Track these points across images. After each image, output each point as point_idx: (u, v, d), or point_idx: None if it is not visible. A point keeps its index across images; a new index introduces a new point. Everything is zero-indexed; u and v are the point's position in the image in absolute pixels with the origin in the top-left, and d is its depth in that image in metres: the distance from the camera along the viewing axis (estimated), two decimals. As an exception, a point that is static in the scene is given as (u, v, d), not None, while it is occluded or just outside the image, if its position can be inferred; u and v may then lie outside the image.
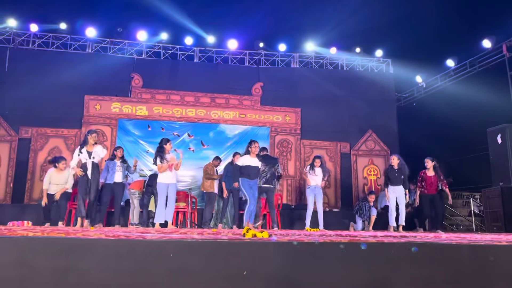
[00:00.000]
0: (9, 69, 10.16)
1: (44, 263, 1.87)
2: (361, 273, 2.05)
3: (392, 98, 11.80)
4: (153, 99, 10.74)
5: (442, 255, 2.32)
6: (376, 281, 2.08)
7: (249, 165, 6.74)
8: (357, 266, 2.07)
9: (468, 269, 2.31)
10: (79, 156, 6.55)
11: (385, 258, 2.19)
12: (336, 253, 2.07)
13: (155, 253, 1.93)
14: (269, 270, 1.96)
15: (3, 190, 9.71)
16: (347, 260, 2.08)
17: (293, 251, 2.02)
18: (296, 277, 1.98)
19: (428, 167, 7.79)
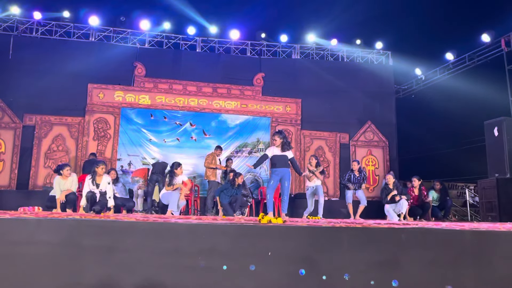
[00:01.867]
0: (13, 57, 10.21)
1: (90, 242, 2.05)
2: (373, 254, 2.25)
3: (391, 90, 11.99)
4: (155, 88, 10.85)
5: (446, 239, 2.52)
6: (386, 262, 2.28)
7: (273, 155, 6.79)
8: (369, 248, 2.26)
9: (470, 251, 2.52)
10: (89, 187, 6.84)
11: (394, 241, 2.39)
12: (351, 236, 2.27)
13: (189, 235, 2.11)
14: (291, 251, 2.14)
15: (8, 176, 9.84)
16: (361, 243, 2.28)
17: (312, 235, 2.21)
18: (316, 257, 2.17)
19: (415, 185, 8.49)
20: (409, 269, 2.22)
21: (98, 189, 6.87)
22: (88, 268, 1.99)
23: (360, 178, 8.44)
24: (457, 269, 2.43)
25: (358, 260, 2.29)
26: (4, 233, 2.05)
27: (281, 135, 6.55)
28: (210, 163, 9.01)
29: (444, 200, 8.83)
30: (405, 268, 2.30)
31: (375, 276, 2.21)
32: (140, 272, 2.02)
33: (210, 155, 9.21)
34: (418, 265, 2.32)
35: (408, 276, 2.25)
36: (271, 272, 2.14)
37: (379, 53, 12.04)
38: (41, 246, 1.99)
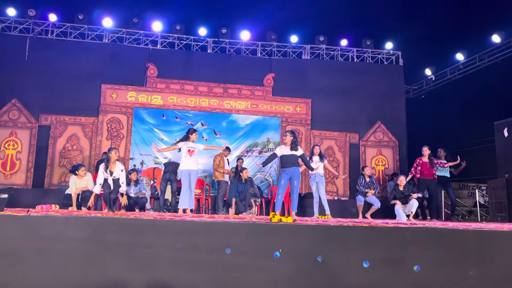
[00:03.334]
0: (29, 58, 10.46)
1: (113, 239, 2.19)
2: (380, 252, 2.36)
3: (401, 90, 12.01)
4: (167, 89, 11.04)
5: (450, 238, 2.62)
6: (392, 259, 2.38)
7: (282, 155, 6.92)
8: (376, 246, 2.37)
9: (473, 250, 2.61)
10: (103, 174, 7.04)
11: (400, 240, 2.50)
12: (358, 235, 2.38)
13: (205, 232, 2.24)
14: (301, 249, 2.26)
15: (24, 175, 10.10)
16: (368, 241, 2.39)
17: (321, 234, 2.33)
18: (325, 255, 2.29)
19: (425, 154, 8.32)
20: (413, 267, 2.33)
21: (111, 176, 7.03)
22: (111, 263, 2.13)
23: (370, 183, 8.68)
24: (461, 268, 2.53)
25: (365, 258, 2.40)
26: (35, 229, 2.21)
27: (292, 134, 6.74)
28: (218, 165, 9.14)
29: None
30: (410, 266, 2.41)
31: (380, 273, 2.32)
32: (160, 268, 2.16)
33: (218, 156, 9.34)
34: (423, 263, 2.42)
35: (412, 274, 2.36)
36: (282, 269, 2.26)
37: (389, 53, 12.08)
38: (69, 241, 2.15)
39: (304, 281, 2.27)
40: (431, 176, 8.50)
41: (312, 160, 8.13)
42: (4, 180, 9.88)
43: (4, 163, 10.04)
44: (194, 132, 7.46)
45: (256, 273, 2.23)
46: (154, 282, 2.17)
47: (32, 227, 2.26)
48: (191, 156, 7.31)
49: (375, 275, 2.34)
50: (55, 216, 2.26)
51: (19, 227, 2.32)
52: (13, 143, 10.17)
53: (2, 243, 2.31)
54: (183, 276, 2.18)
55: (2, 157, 10.05)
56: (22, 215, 2.39)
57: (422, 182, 8.41)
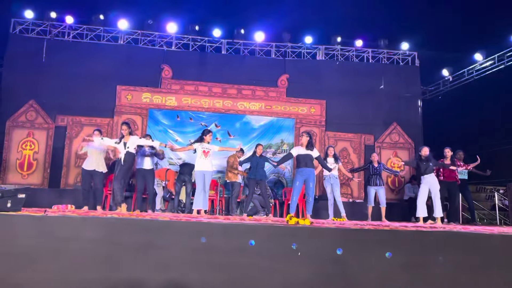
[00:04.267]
0: (46, 60, 10.59)
1: (128, 240, 2.18)
2: (401, 256, 2.30)
3: (417, 91, 11.84)
4: (182, 90, 11.06)
5: (474, 242, 2.54)
6: (414, 264, 2.32)
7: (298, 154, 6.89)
8: (398, 250, 2.31)
9: (498, 256, 2.53)
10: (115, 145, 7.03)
11: (421, 244, 2.43)
12: (378, 238, 2.32)
13: (221, 234, 2.21)
14: (319, 252, 2.21)
15: (41, 175, 10.23)
16: (389, 244, 2.33)
17: (340, 237, 2.27)
18: (344, 258, 2.23)
19: (447, 156, 8.11)
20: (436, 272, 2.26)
21: (125, 148, 7.00)
22: (128, 264, 2.12)
23: (379, 168, 8.48)
24: (485, 273, 2.44)
25: (384, 261, 2.34)
26: (52, 229, 2.21)
27: (308, 135, 6.76)
28: (232, 166, 9.11)
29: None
30: (432, 270, 2.34)
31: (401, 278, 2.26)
32: (175, 269, 2.13)
33: (231, 156, 9.32)
34: (445, 268, 2.35)
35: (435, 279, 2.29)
36: (300, 271, 2.22)
37: (405, 53, 11.91)
38: (85, 242, 2.14)
39: (322, 284, 2.22)
40: (452, 179, 8.31)
41: (326, 161, 8.06)
42: (22, 180, 10.01)
43: (21, 163, 10.18)
44: (209, 133, 7.45)
45: (273, 276, 2.19)
46: (170, 283, 2.15)
47: (49, 227, 2.26)
48: (206, 157, 7.31)
49: (396, 280, 2.28)
50: (72, 217, 2.26)
51: (36, 227, 2.33)
52: (30, 143, 10.30)
53: (20, 243, 2.33)
54: (199, 278, 2.16)
55: (19, 157, 10.19)
56: (39, 215, 2.39)
57: (443, 184, 8.18)
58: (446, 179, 8.27)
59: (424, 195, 7.66)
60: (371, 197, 8.60)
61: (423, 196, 7.65)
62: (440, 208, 7.60)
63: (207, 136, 7.38)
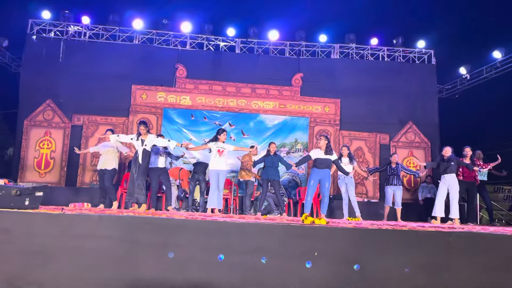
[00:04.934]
0: (63, 60, 10.73)
1: (145, 238, 2.18)
2: (421, 257, 2.25)
3: (433, 90, 11.66)
4: (196, 89, 11.10)
5: (496, 243, 2.47)
6: (434, 265, 2.27)
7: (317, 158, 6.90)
8: (417, 251, 2.26)
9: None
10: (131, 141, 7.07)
11: (442, 245, 2.37)
12: (397, 239, 2.28)
13: (237, 233, 2.19)
14: (337, 252, 2.18)
15: (58, 174, 10.37)
16: (408, 245, 2.28)
17: (358, 237, 2.24)
18: (361, 258, 2.20)
19: (467, 155, 7.91)
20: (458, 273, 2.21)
21: (142, 146, 7.04)
22: (144, 262, 2.12)
23: (397, 169, 8.36)
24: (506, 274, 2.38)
25: (404, 262, 2.29)
26: (69, 228, 2.22)
27: (326, 138, 6.77)
28: (246, 164, 9.08)
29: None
30: (452, 271, 2.29)
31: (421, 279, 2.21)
32: (192, 268, 2.12)
33: (245, 155, 9.31)
34: (468, 270, 2.30)
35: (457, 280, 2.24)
36: (317, 271, 2.19)
37: (421, 51, 11.74)
38: (102, 240, 2.15)
39: (340, 285, 2.19)
40: (472, 179, 8.12)
41: (341, 161, 7.98)
42: (39, 179, 10.17)
43: (39, 162, 10.34)
44: (223, 132, 7.44)
45: (290, 276, 2.17)
46: (186, 283, 2.14)
47: (66, 225, 2.28)
48: (220, 156, 7.31)
49: (416, 282, 2.23)
50: (89, 215, 2.27)
51: (54, 225, 2.35)
52: (48, 142, 10.45)
53: (37, 241, 2.35)
54: (216, 277, 2.15)
55: (37, 156, 10.35)
56: (56, 213, 2.41)
57: (462, 184, 8.01)
58: (466, 179, 8.08)
59: (443, 195, 7.51)
60: (389, 197, 8.48)
61: (442, 195, 7.50)
62: (457, 209, 7.44)
63: (222, 136, 7.37)
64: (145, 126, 7.16)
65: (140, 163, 7.02)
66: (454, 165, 7.55)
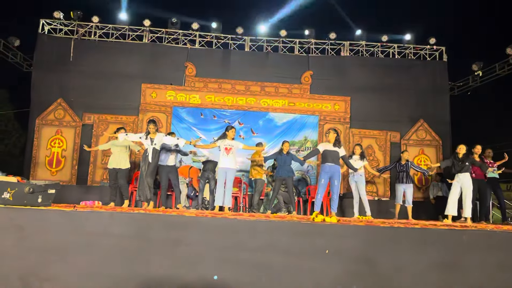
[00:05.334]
0: (74, 59, 10.82)
1: (157, 235, 2.18)
2: (434, 255, 2.22)
3: (445, 87, 11.53)
4: (205, 88, 11.11)
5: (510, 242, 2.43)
6: (447, 263, 2.24)
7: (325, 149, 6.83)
8: (430, 249, 2.24)
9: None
10: (140, 139, 7.11)
11: (455, 243, 2.34)
12: (410, 237, 2.25)
13: (248, 231, 2.19)
14: (348, 249, 2.17)
15: (69, 172, 10.47)
16: (420, 243, 2.26)
17: (369, 235, 2.22)
18: (373, 256, 2.18)
19: (477, 152, 7.81)
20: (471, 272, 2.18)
21: (152, 145, 7.08)
22: (155, 259, 2.13)
23: (407, 167, 8.24)
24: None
25: (417, 260, 2.27)
26: (82, 225, 2.24)
27: (335, 132, 6.69)
28: (256, 163, 9.04)
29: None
30: (467, 270, 2.26)
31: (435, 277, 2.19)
32: (202, 265, 2.12)
33: (255, 154, 9.29)
34: (480, 268, 2.26)
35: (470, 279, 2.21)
36: (329, 269, 2.18)
37: (432, 48, 11.62)
38: (114, 237, 2.16)
39: (351, 284, 2.17)
40: (481, 176, 8.05)
41: (351, 158, 7.94)
42: (51, 177, 10.27)
43: (50, 161, 10.45)
44: (231, 129, 7.43)
45: (301, 274, 2.16)
46: (197, 279, 2.14)
47: (78, 222, 2.29)
48: (228, 154, 7.30)
49: (429, 280, 2.21)
50: (100, 212, 2.29)
51: (66, 222, 2.37)
52: (59, 141, 10.56)
53: (50, 237, 2.37)
54: (227, 275, 2.15)
55: (48, 154, 10.46)
56: (68, 211, 2.43)
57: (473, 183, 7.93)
58: (477, 177, 8.00)
59: (457, 194, 7.41)
60: (399, 195, 8.37)
61: (455, 194, 7.40)
62: (470, 208, 7.35)
63: (230, 132, 7.37)
64: (154, 125, 7.21)
65: (149, 161, 7.07)
66: (468, 164, 7.44)
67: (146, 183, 7.10)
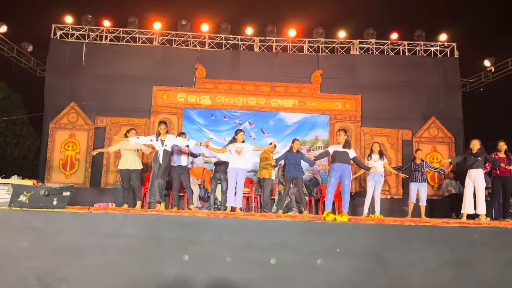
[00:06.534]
0: (86, 63, 10.98)
1: (169, 236, 2.22)
2: (446, 253, 2.22)
3: (457, 84, 11.42)
4: (216, 89, 11.17)
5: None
6: (458, 261, 2.24)
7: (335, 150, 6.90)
8: (441, 247, 2.24)
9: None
10: (151, 142, 7.17)
11: (468, 241, 2.34)
12: (421, 235, 2.26)
13: (259, 230, 2.22)
14: (359, 248, 2.18)
15: (83, 175, 10.62)
16: (432, 241, 2.26)
17: (381, 233, 2.23)
18: (384, 255, 2.19)
19: (501, 149, 7.69)
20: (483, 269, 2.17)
21: (163, 146, 7.15)
22: (168, 259, 2.17)
23: (422, 166, 8.18)
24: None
25: (428, 258, 2.27)
26: (96, 226, 2.30)
27: (345, 133, 6.76)
28: (266, 159, 9.05)
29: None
30: (478, 268, 2.25)
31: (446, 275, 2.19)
32: (215, 265, 2.16)
33: (263, 153, 9.30)
34: (492, 266, 2.26)
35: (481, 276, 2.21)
36: (340, 268, 2.19)
37: (443, 45, 11.51)
38: (127, 238, 2.21)
39: (363, 282, 2.18)
40: (508, 173, 7.83)
41: (371, 157, 7.93)
42: (65, 180, 10.43)
43: (64, 164, 10.61)
44: (240, 132, 7.48)
45: (313, 272, 2.18)
46: (210, 279, 2.18)
47: (93, 224, 2.35)
48: (239, 155, 7.35)
49: (441, 278, 2.21)
50: (114, 214, 2.34)
51: (81, 224, 2.43)
52: (72, 144, 10.71)
53: (65, 238, 2.43)
54: (239, 274, 2.17)
55: (62, 157, 10.62)
56: (83, 212, 2.49)
57: (497, 179, 7.76)
58: (501, 174, 7.78)
59: (471, 191, 7.26)
60: (413, 194, 8.32)
61: (470, 191, 7.24)
62: (483, 205, 7.21)
63: (239, 136, 7.43)
64: (165, 126, 7.28)
65: (160, 163, 7.14)
66: (481, 160, 7.31)
67: (157, 184, 7.17)
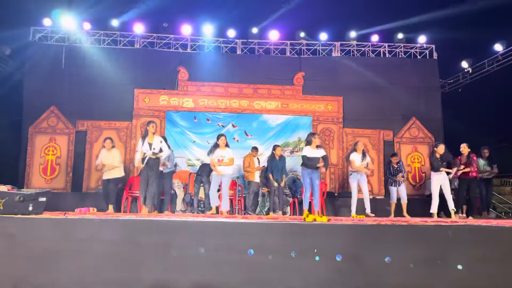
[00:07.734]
0: (65, 66, 10.81)
1: (147, 240, 2.21)
2: (421, 251, 2.26)
3: (436, 85, 11.63)
4: (198, 92, 11.13)
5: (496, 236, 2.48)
6: (433, 258, 2.28)
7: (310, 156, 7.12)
8: (415, 245, 2.28)
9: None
10: (142, 149, 7.11)
11: (441, 239, 2.38)
12: (397, 234, 2.29)
13: (239, 233, 2.22)
14: (336, 248, 2.20)
15: (64, 179, 10.44)
16: (408, 240, 2.29)
17: (358, 233, 2.26)
18: (362, 254, 2.21)
19: (464, 153, 8.12)
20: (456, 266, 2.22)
21: (150, 149, 7.10)
22: (146, 264, 2.15)
23: (399, 169, 8.59)
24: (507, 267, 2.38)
25: (404, 257, 2.31)
26: (72, 231, 2.26)
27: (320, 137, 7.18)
28: (247, 167, 9.15)
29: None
30: (453, 265, 2.29)
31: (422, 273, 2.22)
32: (194, 268, 2.15)
33: (247, 157, 9.36)
34: (467, 263, 2.30)
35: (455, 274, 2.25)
36: (317, 268, 2.21)
37: (423, 47, 11.72)
38: (104, 243, 2.18)
39: (341, 281, 2.20)
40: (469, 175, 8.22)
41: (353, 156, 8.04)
42: (45, 185, 10.24)
43: (44, 168, 10.42)
44: (221, 137, 7.56)
45: (292, 273, 2.19)
46: (189, 283, 2.16)
47: (68, 229, 2.31)
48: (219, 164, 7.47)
49: (417, 275, 2.24)
50: (90, 219, 2.31)
51: (57, 229, 2.39)
52: (53, 148, 10.53)
53: (41, 245, 2.39)
54: (218, 277, 2.17)
55: (42, 162, 10.43)
56: (59, 218, 2.45)
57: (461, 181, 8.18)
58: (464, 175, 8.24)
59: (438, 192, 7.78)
60: (393, 194, 8.74)
61: (436, 192, 7.81)
62: (451, 201, 7.66)
63: (220, 141, 7.50)
64: (153, 126, 7.24)
65: (150, 166, 7.10)
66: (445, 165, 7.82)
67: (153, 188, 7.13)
